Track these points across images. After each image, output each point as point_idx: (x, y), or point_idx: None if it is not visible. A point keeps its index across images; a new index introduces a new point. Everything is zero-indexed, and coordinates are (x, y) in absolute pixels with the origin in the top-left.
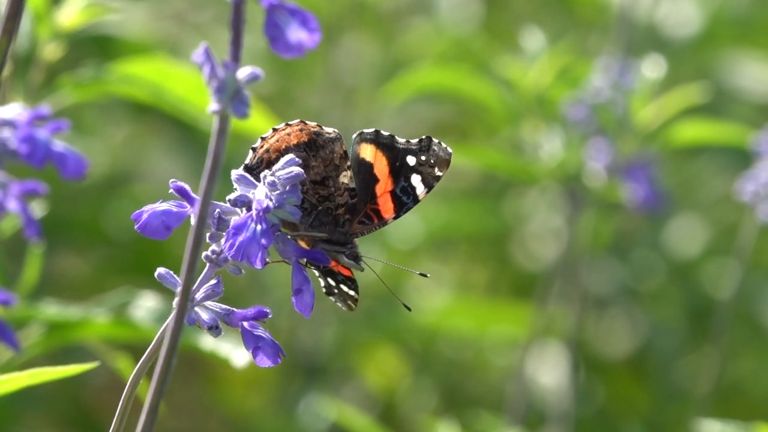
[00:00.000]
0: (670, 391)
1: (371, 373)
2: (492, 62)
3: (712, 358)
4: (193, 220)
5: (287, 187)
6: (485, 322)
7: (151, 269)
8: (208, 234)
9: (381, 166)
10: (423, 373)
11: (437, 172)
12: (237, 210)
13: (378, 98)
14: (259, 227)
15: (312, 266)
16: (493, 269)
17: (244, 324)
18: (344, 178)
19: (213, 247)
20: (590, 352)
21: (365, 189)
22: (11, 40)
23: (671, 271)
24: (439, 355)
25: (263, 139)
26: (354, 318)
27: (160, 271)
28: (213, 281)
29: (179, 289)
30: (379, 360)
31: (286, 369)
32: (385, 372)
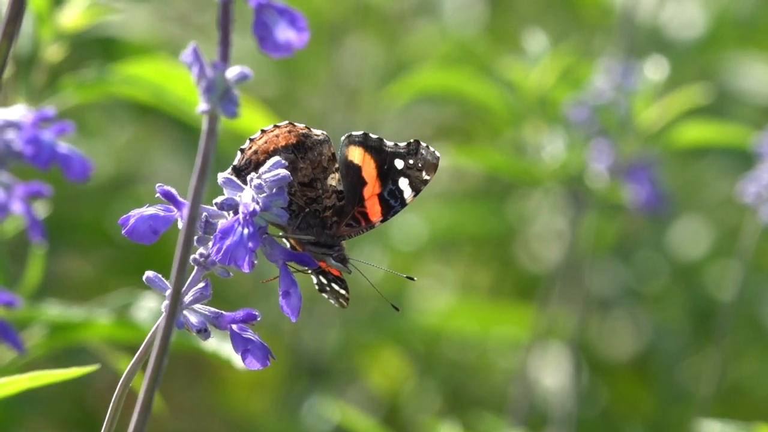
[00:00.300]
0: (673, 392)
1: (375, 374)
2: (495, 64)
3: (714, 360)
4: (180, 224)
5: (274, 190)
6: (488, 323)
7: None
8: (195, 237)
9: (369, 169)
10: (426, 375)
11: (425, 175)
12: (224, 213)
13: (381, 100)
14: (246, 231)
15: (299, 270)
16: (496, 271)
17: (233, 327)
18: (332, 180)
19: (201, 250)
20: (593, 353)
21: (353, 192)
22: (12, 43)
23: (674, 273)
24: (442, 356)
25: (252, 140)
26: (357, 320)
27: (149, 274)
28: (201, 284)
29: (168, 291)
30: (383, 362)
31: (290, 371)
32: (389, 374)
